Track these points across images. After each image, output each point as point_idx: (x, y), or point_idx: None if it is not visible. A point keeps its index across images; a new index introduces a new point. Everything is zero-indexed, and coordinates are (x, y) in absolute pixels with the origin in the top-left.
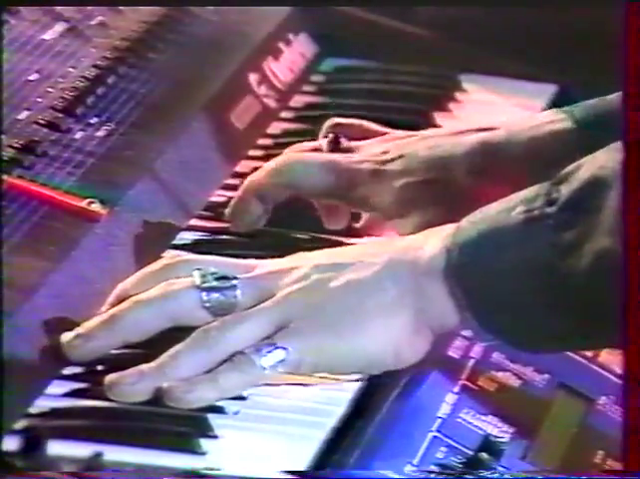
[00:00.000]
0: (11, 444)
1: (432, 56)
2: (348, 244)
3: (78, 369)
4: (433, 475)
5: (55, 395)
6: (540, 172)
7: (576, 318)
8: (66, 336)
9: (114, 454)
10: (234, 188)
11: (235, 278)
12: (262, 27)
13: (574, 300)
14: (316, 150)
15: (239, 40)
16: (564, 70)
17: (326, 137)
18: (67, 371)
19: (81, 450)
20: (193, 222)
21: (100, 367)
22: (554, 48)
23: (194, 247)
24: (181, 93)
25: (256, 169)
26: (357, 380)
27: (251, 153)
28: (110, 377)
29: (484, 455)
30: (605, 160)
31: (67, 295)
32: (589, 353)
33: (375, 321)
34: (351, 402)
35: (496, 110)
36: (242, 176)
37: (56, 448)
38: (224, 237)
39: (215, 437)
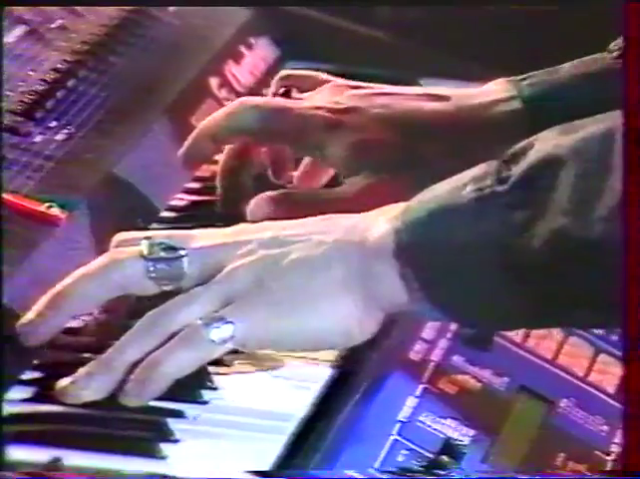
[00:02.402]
0: None
1: (393, 59)
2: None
3: (37, 374)
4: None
5: (14, 401)
6: (487, 148)
7: (529, 297)
8: (19, 322)
9: (73, 459)
10: (196, 191)
11: (183, 249)
12: (223, 31)
13: (527, 279)
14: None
15: (200, 43)
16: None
17: (276, 92)
18: (25, 377)
19: (40, 455)
20: (155, 225)
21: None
22: (515, 52)
23: None
24: (142, 96)
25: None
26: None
27: None
28: (60, 383)
29: (445, 458)
30: (561, 138)
31: (26, 299)
32: (549, 355)
33: (322, 300)
34: (312, 406)
35: None
36: (204, 179)
37: (15, 453)
38: None
39: (175, 441)
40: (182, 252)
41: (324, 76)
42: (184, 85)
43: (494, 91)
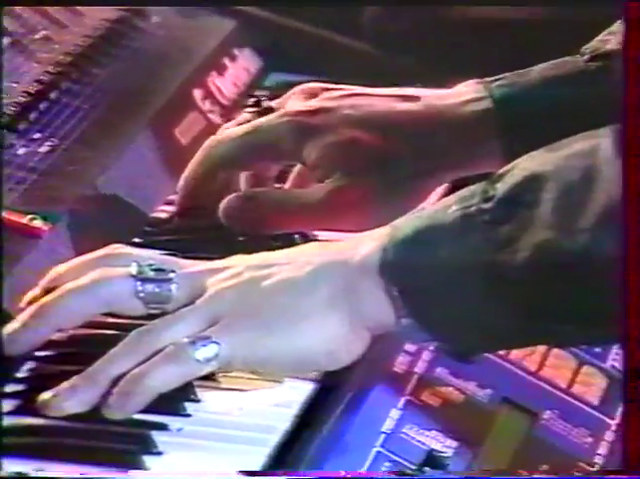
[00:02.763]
0: None
1: (376, 71)
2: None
3: (19, 387)
4: None
5: None
6: (457, 148)
7: (513, 314)
8: (4, 331)
9: (56, 471)
10: None
11: (172, 272)
12: (207, 42)
13: (512, 295)
14: (240, 124)
15: (184, 55)
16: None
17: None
18: (8, 389)
19: (23, 467)
20: (137, 238)
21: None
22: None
23: None
24: (126, 108)
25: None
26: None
27: None
28: (43, 395)
29: (428, 470)
30: (546, 156)
31: (9, 311)
32: (532, 367)
33: (308, 321)
34: (295, 418)
35: None
36: None
37: None
38: (169, 252)
39: (159, 454)
40: (172, 275)
41: (295, 88)
42: (167, 97)
43: (465, 92)
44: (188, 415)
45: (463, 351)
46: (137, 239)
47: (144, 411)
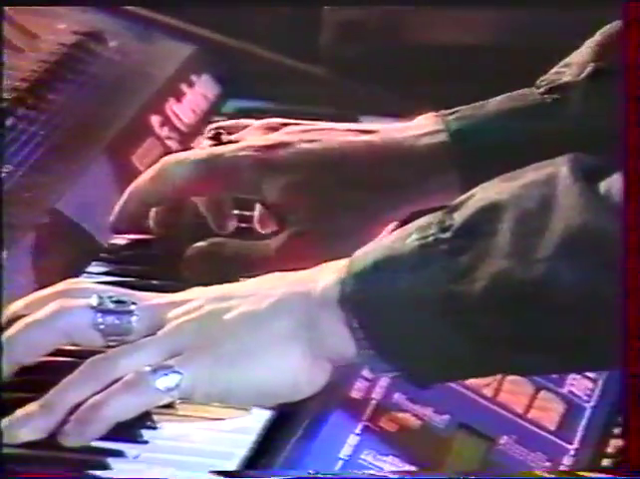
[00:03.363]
0: None
1: (334, 97)
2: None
3: None
4: None
5: None
6: (413, 181)
7: (474, 343)
8: None
9: None
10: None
11: (133, 304)
12: (165, 67)
13: (470, 325)
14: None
15: (141, 81)
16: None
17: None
18: None
19: None
20: (94, 264)
21: None
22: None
23: None
24: (83, 134)
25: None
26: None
27: None
28: None
29: None
30: (502, 185)
31: None
32: (489, 393)
33: (268, 353)
34: (253, 444)
35: None
36: None
37: None
38: (126, 279)
39: None
40: (132, 307)
41: (251, 121)
42: (125, 123)
43: (422, 125)
44: (145, 442)
45: (422, 380)
46: (93, 266)
47: (100, 438)
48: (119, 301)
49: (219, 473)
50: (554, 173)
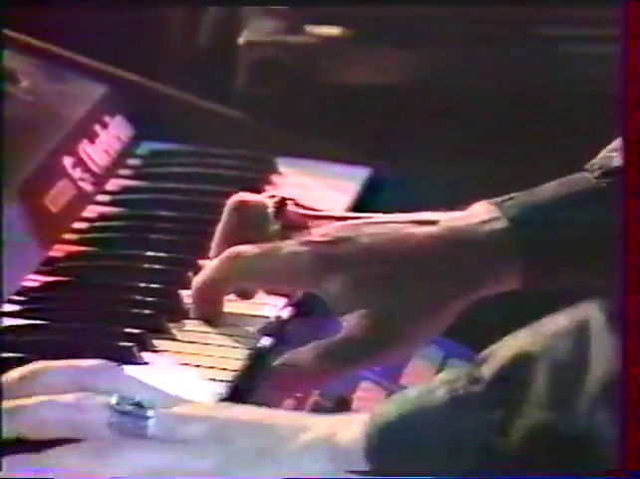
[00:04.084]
0: None
1: (248, 139)
2: None
3: None
4: None
5: None
6: (481, 269)
7: None
8: None
9: None
10: (48, 272)
11: (152, 409)
12: (77, 108)
13: (505, 472)
14: (259, 203)
15: (54, 122)
16: (376, 154)
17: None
18: None
19: None
20: (6, 307)
21: None
22: (370, 132)
23: (6, 333)
24: None
25: (71, 253)
26: None
27: (66, 236)
28: None
29: None
30: (530, 336)
31: None
32: None
33: None
34: None
35: (311, 192)
36: (56, 260)
37: None
38: (38, 322)
39: None
40: (149, 413)
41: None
42: (37, 164)
43: (479, 213)
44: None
45: None
46: (5, 307)
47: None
48: (137, 404)
49: None
50: (585, 320)
